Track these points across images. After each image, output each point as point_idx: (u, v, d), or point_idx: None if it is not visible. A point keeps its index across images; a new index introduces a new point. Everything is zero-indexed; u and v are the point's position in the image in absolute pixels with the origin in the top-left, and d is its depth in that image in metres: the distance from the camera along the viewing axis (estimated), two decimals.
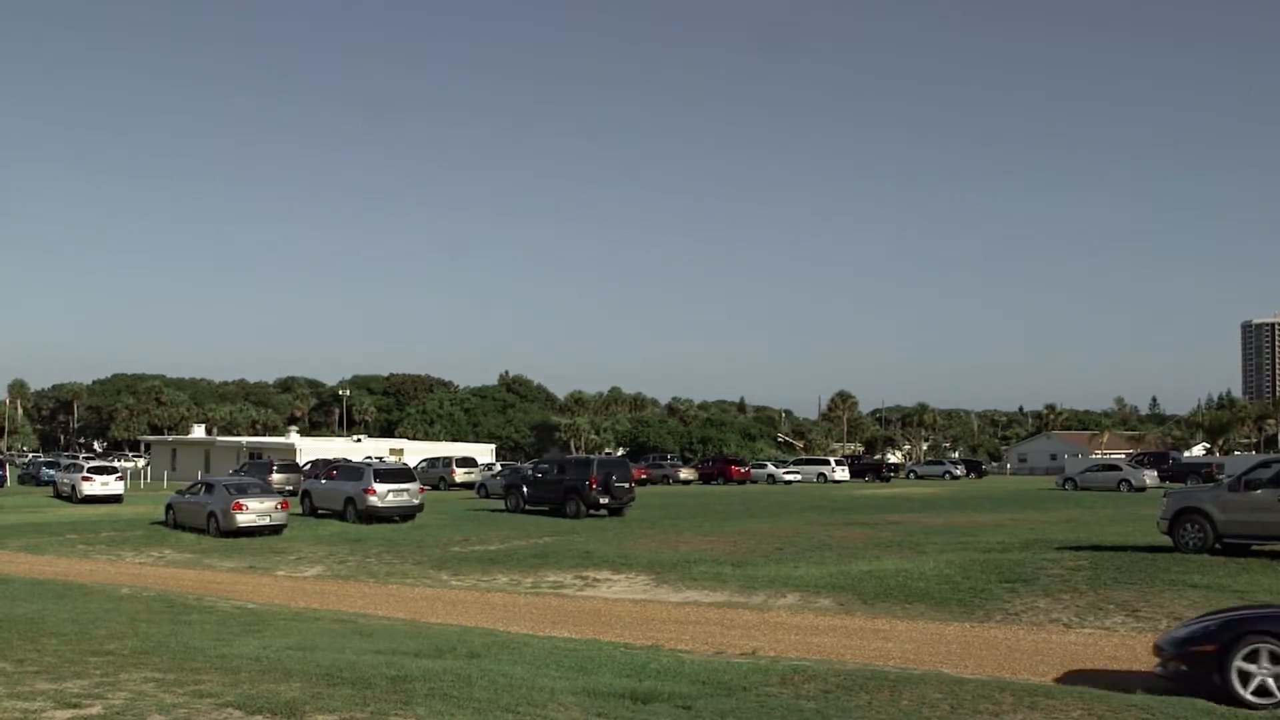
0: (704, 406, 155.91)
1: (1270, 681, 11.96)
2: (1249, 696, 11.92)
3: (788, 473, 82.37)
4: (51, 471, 71.79)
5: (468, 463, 71.15)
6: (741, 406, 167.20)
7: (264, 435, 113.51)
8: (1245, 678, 12.04)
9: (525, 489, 44.52)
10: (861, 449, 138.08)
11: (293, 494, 46.05)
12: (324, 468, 52.59)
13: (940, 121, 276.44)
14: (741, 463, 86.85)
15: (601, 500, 40.99)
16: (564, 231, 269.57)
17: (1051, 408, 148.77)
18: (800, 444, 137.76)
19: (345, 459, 56.22)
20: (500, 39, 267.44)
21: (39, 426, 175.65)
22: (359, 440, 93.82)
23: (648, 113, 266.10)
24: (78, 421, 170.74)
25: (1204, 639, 12.69)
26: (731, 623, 19.58)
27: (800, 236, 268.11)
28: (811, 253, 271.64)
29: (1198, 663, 12.50)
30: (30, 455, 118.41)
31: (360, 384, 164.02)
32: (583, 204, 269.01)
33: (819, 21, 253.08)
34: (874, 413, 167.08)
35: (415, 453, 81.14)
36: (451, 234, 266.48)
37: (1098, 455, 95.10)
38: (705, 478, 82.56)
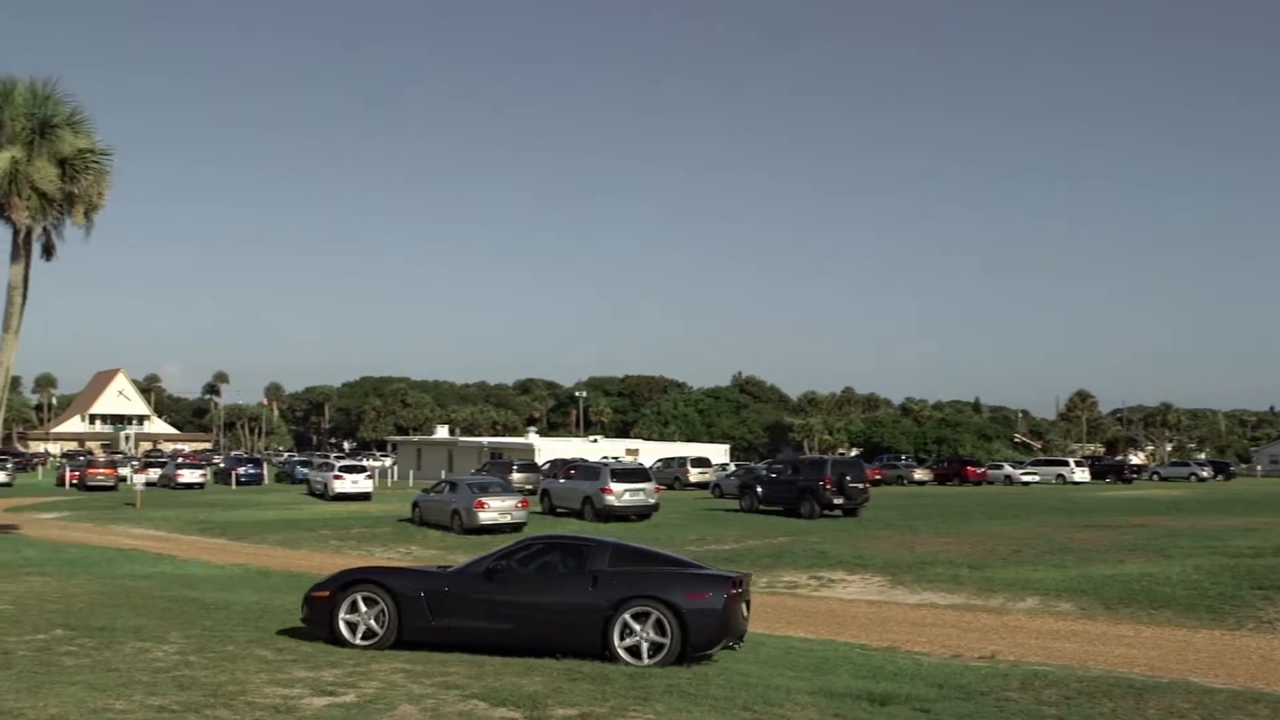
0: (938, 407, 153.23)
1: (373, 624, 13.29)
2: (356, 641, 13.21)
3: (1025, 474, 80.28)
4: (305, 470, 74.96)
5: (702, 463, 71.38)
6: (976, 406, 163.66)
7: (504, 436, 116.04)
8: (351, 625, 13.35)
9: (759, 489, 44.51)
10: (1102, 450, 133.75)
11: (532, 493, 47.03)
12: (562, 467, 53.53)
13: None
14: (977, 463, 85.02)
15: (836, 500, 40.70)
16: (794, 233, 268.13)
17: None
18: (1038, 445, 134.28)
19: (583, 459, 57.15)
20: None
21: (293, 427, 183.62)
22: (595, 440, 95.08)
23: (865, 112, 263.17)
24: (329, 422, 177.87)
25: (323, 587, 13.90)
26: (969, 625, 19.33)
27: (1036, 233, 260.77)
28: (1049, 249, 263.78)
29: (316, 608, 13.68)
30: (285, 454, 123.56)
31: (596, 385, 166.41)
32: (812, 205, 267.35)
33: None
34: (1114, 412, 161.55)
35: (650, 453, 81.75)
36: (684, 236, 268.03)
37: None
38: (940, 478, 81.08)
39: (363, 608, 13.42)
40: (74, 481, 71.92)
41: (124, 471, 73.27)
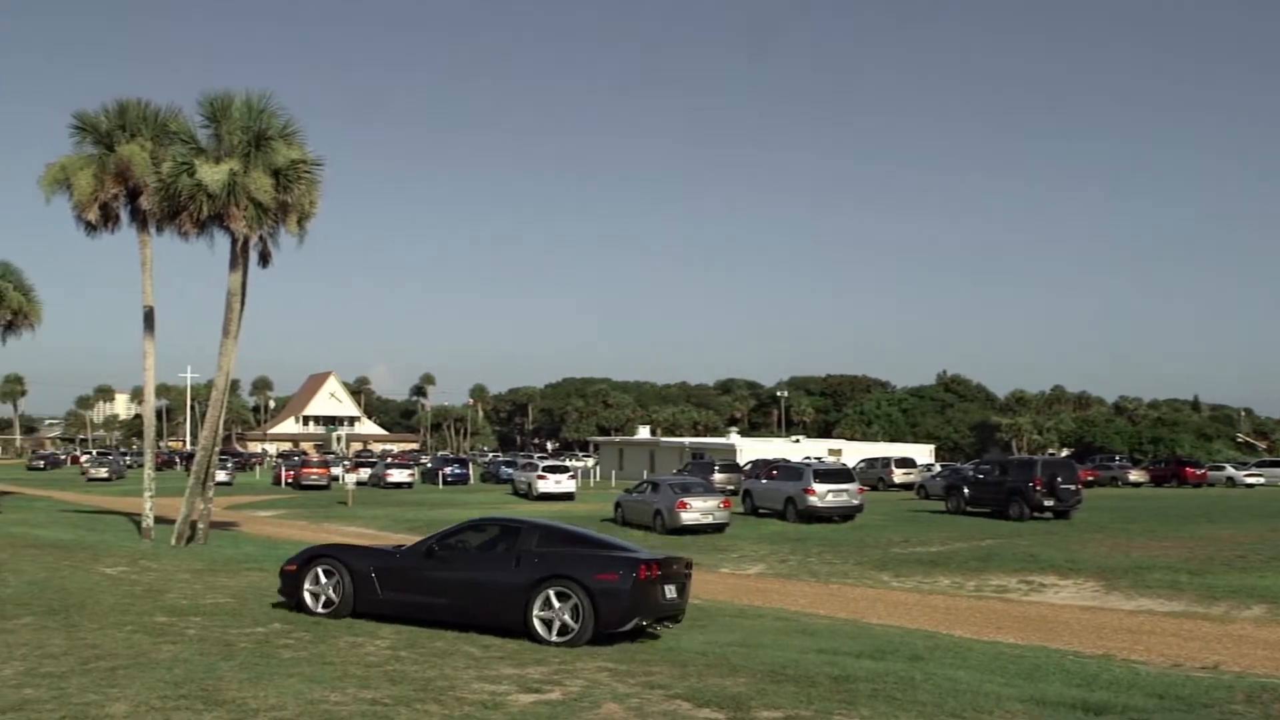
0: (1154, 405, 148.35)
1: (330, 594, 14.71)
2: (319, 610, 14.63)
3: (1249, 475, 76.87)
4: (509, 470, 76.29)
5: (907, 463, 70.40)
6: (1195, 405, 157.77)
7: (705, 436, 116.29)
8: (314, 596, 14.81)
9: (966, 490, 43.71)
10: None
11: (734, 493, 46.96)
12: (764, 468, 53.32)
13: None
14: (1197, 464, 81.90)
15: (1046, 502, 39.62)
16: (997, 231, 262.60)
17: None
18: (1263, 445, 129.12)
19: (785, 459, 56.87)
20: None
21: (497, 428, 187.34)
22: (797, 441, 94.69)
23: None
24: (532, 423, 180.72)
25: (292, 561, 15.37)
26: (1189, 634, 18.61)
27: (1251, 226, 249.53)
28: (1271, 242, 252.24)
29: (286, 580, 15.22)
30: (490, 455, 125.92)
31: (798, 385, 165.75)
32: (1016, 201, 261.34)
33: None
34: None
35: (853, 453, 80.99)
36: (884, 233, 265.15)
37: None
38: (1157, 480, 78.51)
39: (323, 580, 14.85)
40: (289, 481, 74.73)
41: (336, 471, 75.70)
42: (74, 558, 22.50)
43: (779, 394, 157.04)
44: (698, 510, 37.11)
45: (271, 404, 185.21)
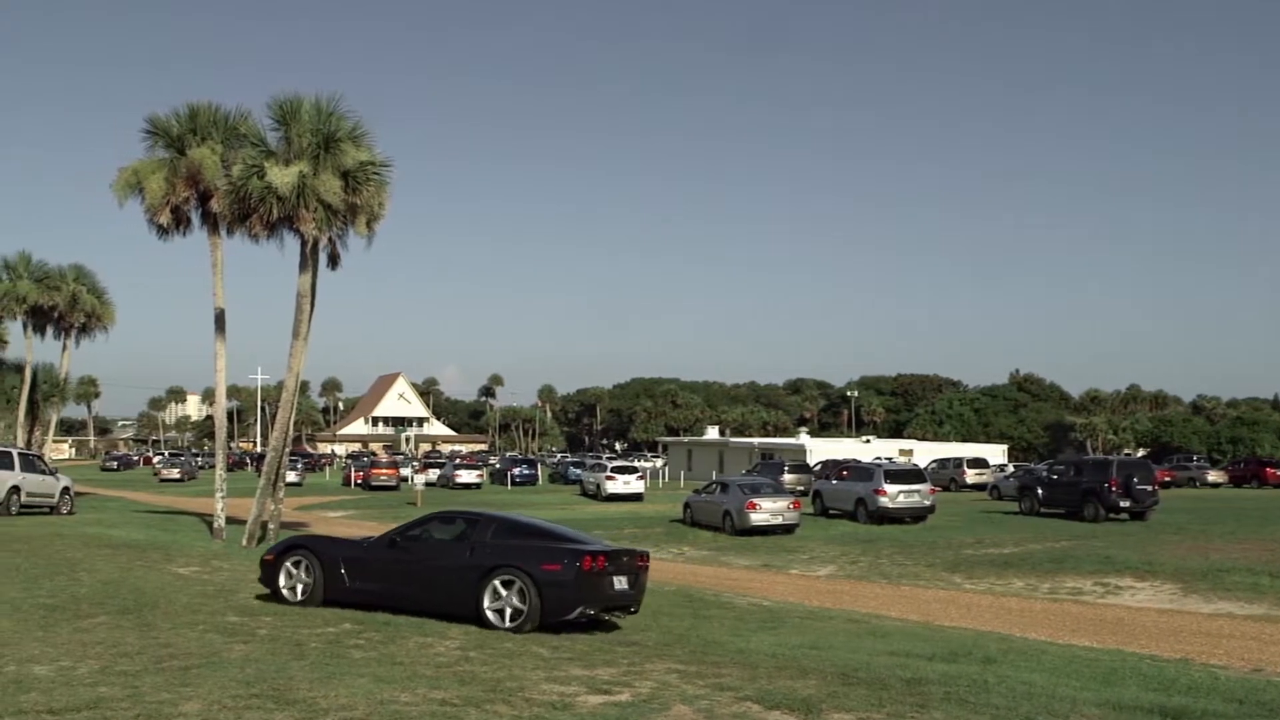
0: (1233, 404, 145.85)
1: (303, 584, 15.57)
2: (295, 599, 15.50)
3: None
4: (578, 471, 76.49)
5: (979, 463, 69.70)
6: (1276, 404, 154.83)
7: (774, 436, 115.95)
8: (290, 585, 15.67)
9: (1040, 491, 43.21)
10: None
11: (804, 494, 46.77)
12: (834, 468, 53.05)
13: None
14: (1278, 465, 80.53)
15: (1122, 503, 39.08)
16: (1071, 231, 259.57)
17: None
18: None
19: (855, 459, 56.53)
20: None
21: (565, 429, 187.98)
22: (868, 441, 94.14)
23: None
24: (600, 423, 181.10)
25: (271, 552, 16.26)
26: (1271, 638, 18.27)
27: None
28: None
29: (266, 569, 16.04)
30: (559, 455, 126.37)
31: (868, 385, 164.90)
32: (1085, 199, 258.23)
33: None
34: None
35: (925, 453, 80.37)
36: (955, 233, 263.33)
37: None
38: (1236, 480, 77.10)
39: (295, 571, 15.73)
40: (358, 481, 75.54)
41: (405, 472, 76.35)
42: (147, 558, 22.75)
43: (849, 394, 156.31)
44: (767, 511, 36.95)
45: (341, 405, 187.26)
